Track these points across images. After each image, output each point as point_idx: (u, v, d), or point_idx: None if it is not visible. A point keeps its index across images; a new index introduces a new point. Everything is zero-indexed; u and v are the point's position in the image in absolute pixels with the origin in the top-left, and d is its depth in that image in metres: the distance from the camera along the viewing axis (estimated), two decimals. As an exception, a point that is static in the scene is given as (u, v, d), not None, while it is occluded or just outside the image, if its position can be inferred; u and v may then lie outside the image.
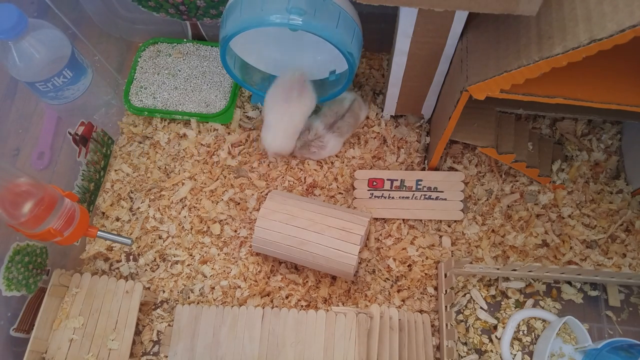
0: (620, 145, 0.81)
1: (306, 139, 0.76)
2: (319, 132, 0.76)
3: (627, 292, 0.72)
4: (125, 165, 0.82)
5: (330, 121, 0.76)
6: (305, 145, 0.76)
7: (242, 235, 0.76)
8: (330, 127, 0.76)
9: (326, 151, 0.77)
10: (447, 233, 0.76)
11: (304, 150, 0.77)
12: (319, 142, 0.76)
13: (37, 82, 0.67)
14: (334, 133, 0.76)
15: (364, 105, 0.81)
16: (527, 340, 0.69)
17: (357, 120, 0.79)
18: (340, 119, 0.76)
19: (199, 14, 0.82)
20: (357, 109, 0.78)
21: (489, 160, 0.80)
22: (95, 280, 0.70)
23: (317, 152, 0.77)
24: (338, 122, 0.76)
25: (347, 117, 0.77)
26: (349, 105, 0.77)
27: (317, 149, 0.76)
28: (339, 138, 0.77)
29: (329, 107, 0.78)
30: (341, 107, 0.77)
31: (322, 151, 0.77)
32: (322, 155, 0.78)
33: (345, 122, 0.77)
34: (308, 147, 0.76)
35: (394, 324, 0.64)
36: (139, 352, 0.70)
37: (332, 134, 0.76)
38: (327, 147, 0.77)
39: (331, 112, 0.77)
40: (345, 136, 0.79)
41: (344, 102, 0.78)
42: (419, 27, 0.61)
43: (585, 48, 0.45)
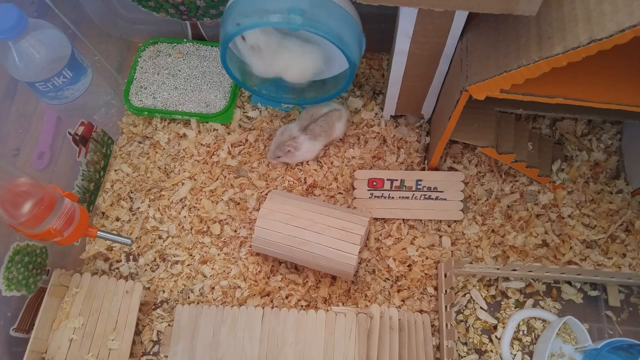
0: (620, 145, 0.81)
1: (280, 139, 0.76)
2: (293, 134, 0.76)
3: (627, 292, 0.72)
4: (125, 165, 0.82)
5: (304, 123, 0.77)
6: (280, 146, 0.76)
7: (242, 235, 0.76)
8: (304, 130, 0.76)
9: (300, 153, 0.77)
10: (447, 233, 0.76)
11: (278, 151, 0.76)
12: (293, 142, 0.75)
13: (37, 82, 0.67)
14: (307, 135, 0.76)
15: (345, 120, 0.79)
16: (527, 340, 0.69)
17: (332, 128, 0.78)
18: (314, 122, 0.76)
19: (199, 14, 0.82)
20: (334, 118, 0.78)
21: (489, 160, 0.80)
22: (95, 280, 0.70)
23: (291, 153, 0.76)
24: (311, 124, 0.76)
25: (320, 121, 0.77)
26: (326, 111, 0.77)
27: (292, 149, 0.76)
28: (313, 141, 0.77)
29: (306, 110, 0.79)
30: (318, 111, 0.77)
31: (297, 152, 0.76)
32: (296, 158, 0.78)
33: (317, 125, 0.76)
34: (283, 147, 0.76)
35: (394, 324, 0.64)
36: (139, 352, 0.70)
37: (305, 136, 0.76)
38: (301, 149, 0.76)
39: (307, 115, 0.78)
40: (320, 141, 0.78)
41: (323, 107, 0.78)
42: (419, 27, 0.61)
43: (585, 48, 0.45)
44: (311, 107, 0.79)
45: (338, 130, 0.79)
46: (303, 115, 0.78)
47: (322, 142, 0.78)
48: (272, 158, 0.78)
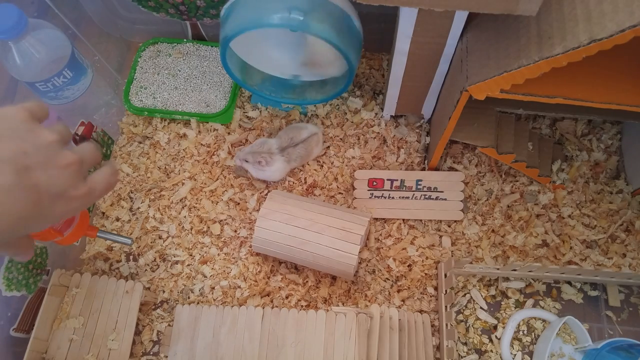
0: (620, 145, 0.81)
1: (257, 149, 0.75)
2: (272, 150, 0.75)
3: (627, 292, 0.72)
4: (125, 165, 0.82)
5: (284, 145, 0.76)
6: (254, 154, 0.74)
7: (242, 235, 0.76)
8: (282, 150, 0.75)
9: (270, 170, 0.75)
10: (447, 233, 0.76)
11: (250, 157, 0.74)
12: (268, 156, 0.74)
13: (37, 82, 0.67)
14: (283, 157, 0.75)
15: (321, 142, 0.79)
16: (527, 340, 0.69)
17: (309, 154, 0.78)
18: (292, 146, 0.76)
19: (199, 14, 0.82)
20: (312, 144, 0.77)
21: (489, 160, 0.80)
22: (95, 280, 0.70)
23: (261, 165, 0.74)
24: (290, 148, 0.75)
25: (299, 148, 0.76)
26: (306, 136, 0.76)
27: (263, 162, 0.74)
28: (286, 164, 0.76)
29: (286, 131, 0.77)
30: (298, 136, 0.76)
31: (267, 168, 0.75)
32: (263, 174, 0.76)
33: (296, 151, 0.76)
34: (256, 156, 0.74)
35: (394, 324, 0.64)
36: (139, 352, 0.70)
37: (281, 157, 0.75)
38: (272, 167, 0.75)
39: (287, 136, 0.76)
40: (293, 164, 0.77)
41: (302, 131, 0.77)
42: (419, 27, 0.61)
43: (585, 48, 0.45)
44: (292, 129, 0.78)
45: (314, 154, 0.79)
46: (283, 135, 0.77)
47: (293, 166, 0.78)
48: (239, 160, 0.76)
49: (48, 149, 0.41)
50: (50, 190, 0.40)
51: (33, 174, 0.39)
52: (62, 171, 0.41)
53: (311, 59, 0.76)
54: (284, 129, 0.80)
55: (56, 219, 0.43)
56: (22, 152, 0.39)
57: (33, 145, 0.40)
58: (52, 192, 0.41)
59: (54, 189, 0.41)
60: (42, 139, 0.41)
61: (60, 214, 0.43)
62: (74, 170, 0.42)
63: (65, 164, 0.41)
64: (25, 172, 0.38)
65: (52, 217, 0.43)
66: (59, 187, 0.41)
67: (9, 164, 0.37)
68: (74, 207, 0.44)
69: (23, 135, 0.40)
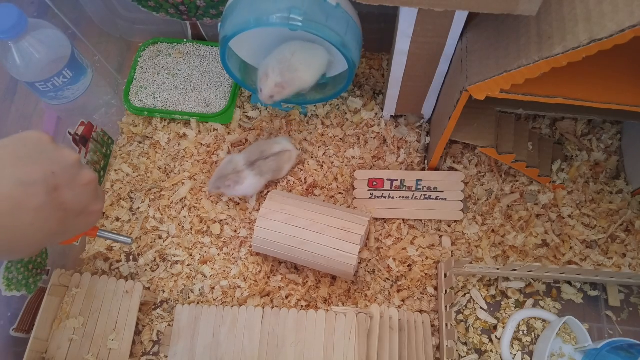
0: (620, 145, 0.81)
1: (224, 171, 0.73)
2: (238, 167, 0.72)
3: (627, 292, 0.72)
4: (125, 165, 0.82)
5: (252, 158, 0.73)
6: (222, 178, 0.72)
7: (242, 235, 0.76)
8: (250, 165, 0.73)
9: (242, 188, 0.73)
10: (447, 233, 0.76)
11: (219, 183, 0.73)
12: (235, 177, 0.72)
13: (37, 82, 0.67)
14: (253, 171, 0.73)
15: (294, 161, 0.77)
16: (527, 340, 0.69)
17: (280, 169, 0.76)
18: (263, 159, 0.73)
19: (199, 14, 0.82)
20: (284, 159, 0.75)
21: (489, 160, 0.80)
22: (95, 280, 0.70)
23: (231, 187, 0.73)
24: (260, 161, 0.73)
25: (270, 160, 0.74)
26: (278, 150, 0.74)
27: (232, 184, 0.72)
28: (258, 177, 0.74)
29: (257, 145, 0.76)
30: (269, 149, 0.74)
31: (238, 187, 0.73)
32: (236, 192, 0.74)
33: (267, 164, 0.73)
34: (224, 180, 0.72)
35: (394, 324, 0.64)
36: (139, 352, 0.70)
37: (251, 172, 0.73)
38: (243, 184, 0.73)
39: (257, 150, 0.74)
40: (265, 177, 0.75)
41: (275, 145, 0.75)
42: (419, 27, 0.61)
43: (585, 48, 0.45)
44: (265, 142, 0.76)
45: (285, 171, 0.77)
46: (252, 149, 0.75)
47: (266, 180, 0.76)
48: (211, 189, 0.74)
49: (73, 168, 0.44)
50: (75, 208, 0.44)
51: (61, 193, 0.42)
52: (84, 188, 0.44)
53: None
54: (257, 142, 0.78)
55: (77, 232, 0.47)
56: (51, 172, 0.41)
57: (60, 165, 0.42)
58: (76, 209, 0.44)
59: (78, 206, 0.44)
60: (67, 159, 0.43)
61: (81, 228, 0.47)
62: (93, 187, 0.46)
63: (88, 182, 0.45)
64: (55, 192, 0.41)
65: (74, 231, 0.47)
66: (82, 204, 0.45)
67: (40, 186, 0.40)
68: (92, 221, 0.47)
69: (51, 156, 0.42)
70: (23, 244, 0.41)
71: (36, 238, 0.41)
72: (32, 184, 0.39)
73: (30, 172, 0.39)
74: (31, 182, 0.39)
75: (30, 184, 0.39)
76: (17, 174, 0.39)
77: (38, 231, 0.40)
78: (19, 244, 0.40)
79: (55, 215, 0.41)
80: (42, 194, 0.40)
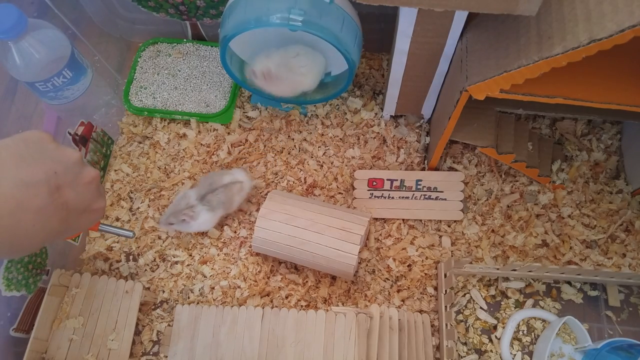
0: (620, 145, 0.81)
1: (177, 207, 0.70)
2: (191, 202, 0.70)
3: (627, 292, 0.72)
4: (125, 165, 0.82)
5: (202, 192, 0.71)
6: (176, 214, 0.70)
7: (242, 236, 0.76)
8: (201, 199, 0.70)
9: (197, 223, 0.71)
10: (447, 233, 0.76)
11: (172, 218, 0.70)
12: (189, 212, 0.70)
13: (37, 82, 0.67)
14: (205, 207, 0.71)
15: (246, 192, 0.75)
16: (527, 340, 0.69)
17: (230, 201, 0.73)
18: (211, 192, 0.71)
19: (199, 14, 0.82)
20: (234, 191, 0.72)
21: (488, 160, 0.80)
22: (95, 280, 0.71)
23: (186, 222, 0.71)
24: (209, 195, 0.71)
25: (218, 192, 0.71)
26: (227, 182, 0.72)
27: (187, 218, 0.70)
28: (211, 213, 0.71)
29: (206, 177, 0.73)
30: (218, 180, 0.72)
31: (192, 222, 0.71)
32: (191, 228, 0.72)
33: (215, 196, 0.71)
34: (178, 215, 0.70)
35: (393, 324, 0.64)
36: (138, 352, 0.70)
37: (203, 207, 0.70)
38: (197, 219, 0.71)
39: (206, 183, 0.72)
40: (218, 212, 0.72)
41: (224, 177, 0.72)
42: (418, 27, 0.61)
43: (585, 48, 0.45)
44: (213, 175, 0.73)
45: (236, 203, 0.74)
46: (203, 181, 0.73)
47: (220, 214, 0.73)
48: (163, 225, 0.71)
49: (75, 167, 0.43)
50: (77, 207, 0.44)
51: (63, 193, 0.42)
52: (87, 187, 0.45)
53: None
54: (209, 173, 0.75)
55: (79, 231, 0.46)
56: (54, 172, 0.41)
57: (62, 164, 0.42)
58: (79, 208, 0.44)
59: (80, 205, 0.44)
60: (69, 158, 0.43)
61: (84, 226, 0.47)
62: (95, 185, 0.46)
63: (90, 180, 0.45)
64: (57, 192, 0.41)
65: (77, 229, 0.46)
66: (85, 203, 0.45)
67: (43, 186, 0.40)
68: (95, 219, 0.47)
69: (53, 156, 0.42)
70: (25, 243, 0.41)
71: (38, 238, 0.41)
72: (34, 184, 0.39)
73: (32, 173, 0.39)
74: (33, 182, 0.39)
75: (32, 184, 0.39)
76: (19, 175, 0.39)
77: (40, 231, 0.40)
78: (20, 243, 0.40)
79: (57, 215, 0.41)
80: (44, 194, 0.40)
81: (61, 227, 0.43)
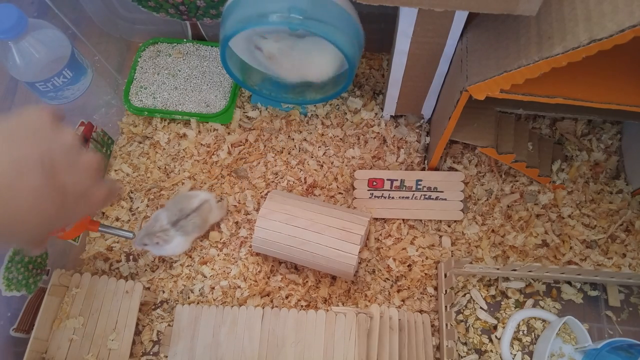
0: (620, 145, 0.81)
1: (152, 229, 0.69)
2: (164, 226, 0.69)
3: (627, 292, 0.72)
4: (125, 165, 0.82)
5: (173, 218, 0.69)
6: (150, 235, 0.68)
7: (242, 235, 0.76)
8: (174, 224, 0.69)
9: (170, 247, 0.70)
10: (447, 233, 0.76)
11: (146, 239, 0.69)
12: (164, 235, 0.69)
13: (37, 82, 0.67)
14: (178, 232, 0.69)
15: (217, 207, 0.74)
16: (527, 340, 0.69)
17: (206, 222, 0.73)
18: (184, 217, 0.70)
19: (199, 14, 0.82)
20: (206, 211, 0.72)
21: (489, 160, 0.80)
22: (95, 280, 0.71)
23: (160, 245, 0.69)
24: (182, 220, 0.70)
25: (192, 217, 0.70)
26: (197, 205, 0.71)
27: (161, 242, 0.69)
28: (184, 237, 0.71)
29: (174, 203, 0.72)
30: (188, 205, 0.71)
31: (167, 245, 0.70)
32: (165, 251, 0.71)
33: (189, 222, 0.70)
34: (152, 237, 0.68)
35: (394, 324, 0.64)
36: (139, 352, 0.70)
37: (176, 232, 0.69)
38: (171, 243, 0.70)
39: (175, 208, 0.70)
40: (193, 235, 0.72)
41: (192, 200, 0.71)
42: (418, 27, 0.61)
43: (585, 48, 0.45)
44: (182, 198, 0.72)
45: (211, 220, 0.74)
46: (171, 206, 0.71)
47: (195, 236, 0.73)
48: (138, 245, 0.70)
49: (72, 150, 0.42)
50: (75, 191, 0.42)
51: (60, 175, 0.40)
52: (85, 171, 0.42)
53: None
54: (172, 199, 0.74)
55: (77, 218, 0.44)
56: (49, 153, 0.39)
57: (58, 146, 0.40)
58: (76, 193, 0.42)
59: (78, 189, 0.42)
60: (67, 140, 0.41)
61: (82, 213, 0.44)
62: (95, 170, 0.44)
63: (88, 164, 0.43)
64: (52, 174, 0.39)
65: (75, 216, 0.44)
66: (82, 187, 0.42)
67: (36, 166, 0.38)
68: (94, 206, 0.45)
69: (49, 137, 0.40)
70: (19, 226, 0.39)
71: (35, 221, 0.39)
72: (26, 163, 0.38)
73: (25, 152, 0.38)
74: (26, 161, 0.38)
75: (24, 163, 0.38)
76: (11, 153, 0.37)
77: (35, 214, 0.39)
78: (14, 226, 0.38)
79: (53, 198, 0.40)
80: (38, 174, 0.38)
81: (58, 212, 0.41)
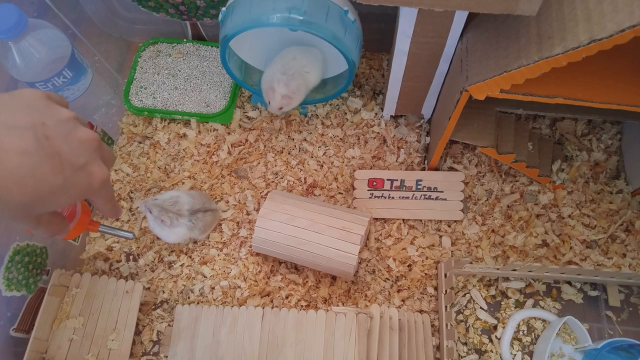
0: (620, 145, 0.81)
1: (168, 206, 0.68)
2: (182, 211, 0.69)
3: (627, 292, 0.72)
4: (125, 165, 0.82)
5: (196, 207, 0.70)
6: (163, 210, 0.67)
7: (242, 235, 0.76)
8: (192, 213, 0.69)
9: (169, 232, 0.69)
10: (447, 233, 0.76)
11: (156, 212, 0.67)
12: (174, 217, 0.68)
13: (37, 82, 0.67)
14: (189, 222, 0.69)
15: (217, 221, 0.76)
16: (527, 340, 0.69)
17: (209, 227, 0.74)
18: (203, 211, 0.71)
19: (199, 14, 0.82)
20: (216, 217, 0.74)
21: (489, 160, 0.80)
22: (95, 280, 0.70)
23: (164, 224, 0.68)
24: (200, 213, 0.70)
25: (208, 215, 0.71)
26: (214, 208, 0.73)
27: (168, 222, 0.68)
28: (188, 231, 0.70)
29: (200, 194, 0.73)
30: (209, 204, 0.73)
31: (168, 229, 0.69)
32: (161, 232, 0.70)
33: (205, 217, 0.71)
34: (164, 213, 0.67)
35: (394, 324, 0.64)
36: (139, 352, 0.70)
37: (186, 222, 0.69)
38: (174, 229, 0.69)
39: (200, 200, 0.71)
40: (194, 232, 0.71)
41: (212, 202, 0.74)
42: (419, 27, 0.61)
43: (585, 48, 0.45)
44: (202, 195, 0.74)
45: (208, 231, 0.75)
46: (197, 197, 0.71)
47: (193, 235, 0.72)
48: (143, 208, 0.69)
49: (67, 123, 0.42)
50: (72, 160, 0.42)
51: (54, 142, 0.40)
52: (82, 144, 0.43)
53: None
54: (195, 191, 0.76)
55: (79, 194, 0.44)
56: (41, 122, 0.40)
57: (51, 118, 0.41)
58: (74, 163, 0.42)
59: (75, 160, 0.42)
60: (60, 114, 0.42)
61: (83, 188, 0.44)
62: (94, 146, 0.44)
63: (85, 138, 0.43)
64: (46, 140, 0.40)
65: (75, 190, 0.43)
66: (80, 159, 0.42)
67: (27, 131, 0.39)
68: (94, 183, 0.44)
69: (41, 109, 0.41)
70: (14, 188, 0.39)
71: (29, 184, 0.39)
72: (17, 128, 0.38)
73: (16, 119, 0.39)
74: (17, 126, 0.38)
75: (15, 127, 0.38)
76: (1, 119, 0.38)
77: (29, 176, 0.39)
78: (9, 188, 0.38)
79: (48, 162, 0.40)
80: (29, 138, 0.38)
81: (56, 180, 0.40)
